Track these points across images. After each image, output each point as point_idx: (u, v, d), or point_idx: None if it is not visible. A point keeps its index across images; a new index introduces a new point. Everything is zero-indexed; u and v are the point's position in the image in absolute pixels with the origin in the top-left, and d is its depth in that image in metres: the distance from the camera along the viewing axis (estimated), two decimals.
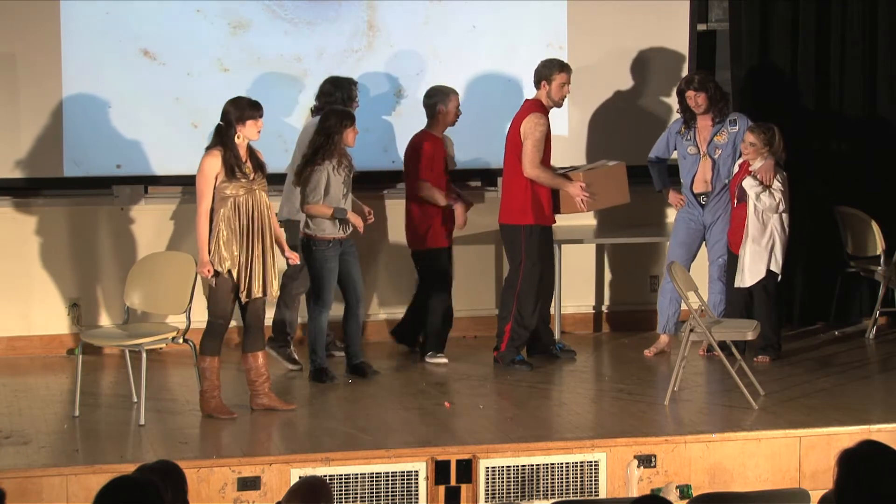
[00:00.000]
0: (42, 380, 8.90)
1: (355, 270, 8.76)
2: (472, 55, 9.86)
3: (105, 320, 9.43)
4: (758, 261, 9.05)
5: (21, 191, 9.43)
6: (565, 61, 9.15)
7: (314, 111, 9.11)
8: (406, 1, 9.78)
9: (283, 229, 8.43)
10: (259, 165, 7.90)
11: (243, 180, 7.77)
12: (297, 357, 9.10)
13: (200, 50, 9.53)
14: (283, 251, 8.05)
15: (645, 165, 9.77)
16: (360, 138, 8.88)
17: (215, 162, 7.76)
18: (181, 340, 7.92)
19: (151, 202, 9.51)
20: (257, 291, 7.82)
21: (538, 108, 9.02)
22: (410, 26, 9.80)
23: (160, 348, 8.11)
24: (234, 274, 7.77)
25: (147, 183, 9.52)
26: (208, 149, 7.85)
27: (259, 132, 7.84)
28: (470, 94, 9.32)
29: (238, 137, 7.79)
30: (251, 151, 7.90)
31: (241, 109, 7.81)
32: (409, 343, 9.59)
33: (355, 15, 9.73)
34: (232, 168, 7.75)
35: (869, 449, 4.34)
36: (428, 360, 9.26)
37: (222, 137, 7.80)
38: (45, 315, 9.46)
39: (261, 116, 7.85)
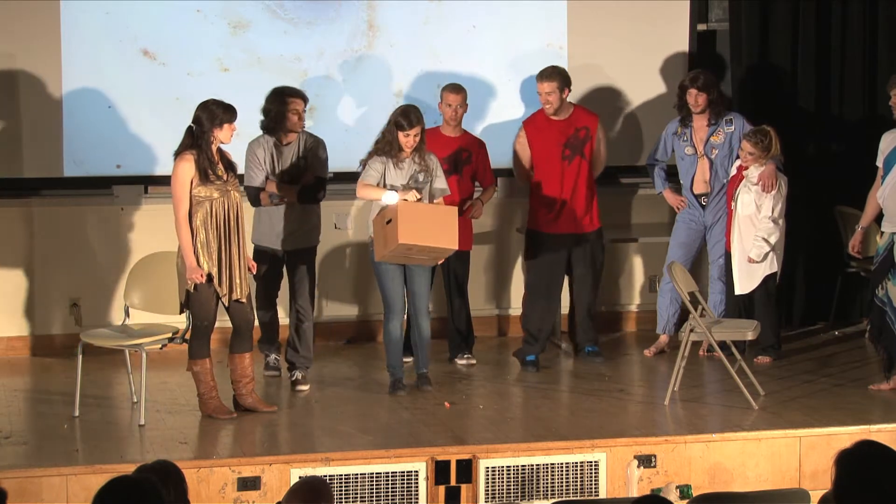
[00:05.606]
0: (42, 380, 8.90)
1: (418, 282, 8.47)
2: (472, 55, 9.86)
3: (105, 320, 9.42)
4: (752, 271, 9.04)
5: (21, 191, 9.43)
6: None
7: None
8: (406, 1, 9.78)
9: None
10: (230, 165, 7.87)
11: (217, 182, 7.74)
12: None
13: (200, 50, 9.53)
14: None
15: (644, 166, 9.77)
16: (361, 138, 8.88)
17: (189, 166, 7.71)
18: (181, 340, 7.93)
19: (151, 202, 9.51)
20: (238, 293, 7.80)
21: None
22: (410, 26, 9.80)
23: (160, 348, 8.10)
24: (215, 277, 7.76)
25: (147, 183, 9.52)
26: (179, 153, 7.78)
27: (231, 135, 7.81)
28: (470, 93, 9.29)
29: (213, 142, 7.77)
30: (220, 152, 7.87)
31: (218, 114, 7.73)
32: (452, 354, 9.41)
33: (355, 15, 9.73)
34: (205, 171, 7.71)
35: (866, 449, 4.34)
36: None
37: (195, 141, 7.75)
38: (45, 315, 9.46)
39: (235, 119, 7.79)
